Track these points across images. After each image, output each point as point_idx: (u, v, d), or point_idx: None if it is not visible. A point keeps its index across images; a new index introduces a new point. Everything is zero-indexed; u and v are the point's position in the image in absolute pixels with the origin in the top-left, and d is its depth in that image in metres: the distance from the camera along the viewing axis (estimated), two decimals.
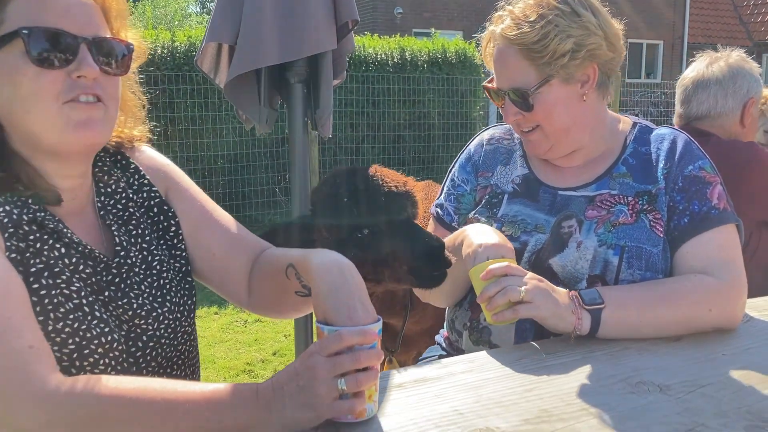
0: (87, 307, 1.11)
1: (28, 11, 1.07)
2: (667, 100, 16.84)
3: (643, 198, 1.57)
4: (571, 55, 1.52)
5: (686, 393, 1.18)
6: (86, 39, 1.10)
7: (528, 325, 1.54)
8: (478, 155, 1.79)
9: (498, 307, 1.35)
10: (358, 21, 2.41)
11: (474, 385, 1.23)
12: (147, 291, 1.24)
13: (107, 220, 1.26)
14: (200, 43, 8.06)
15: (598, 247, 1.53)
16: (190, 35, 7.68)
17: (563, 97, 1.57)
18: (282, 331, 4.76)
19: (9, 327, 0.96)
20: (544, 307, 1.36)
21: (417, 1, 18.29)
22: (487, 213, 1.68)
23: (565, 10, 1.53)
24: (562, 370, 1.28)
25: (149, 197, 1.33)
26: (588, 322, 1.40)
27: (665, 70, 21.45)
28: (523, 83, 1.55)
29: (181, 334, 1.30)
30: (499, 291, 1.34)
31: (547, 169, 1.70)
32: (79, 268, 1.14)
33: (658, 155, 1.61)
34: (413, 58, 9.02)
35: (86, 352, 1.09)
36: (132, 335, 1.19)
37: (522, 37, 1.52)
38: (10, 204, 1.09)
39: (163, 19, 20.56)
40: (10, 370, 0.94)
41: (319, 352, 0.99)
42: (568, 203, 1.62)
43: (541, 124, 1.59)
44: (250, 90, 2.45)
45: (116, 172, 1.31)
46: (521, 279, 1.36)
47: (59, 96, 1.08)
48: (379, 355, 1.03)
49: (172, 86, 7.25)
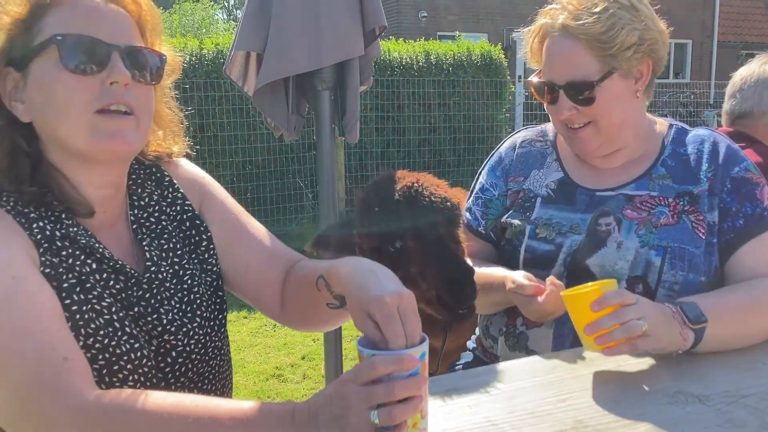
0: (117, 323, 1.12)
1: (62, 20, 1.09)
2: (697, 101, 16.58)
3: (684, 199, 1.55)
4: (635, 49, 1.51)
5: (727, 404, 1.15)
6: (118, 47, 1.11)
7: (566, 331, 1.52)
8: (509, 159, 1.77)
9: (613, 342, 1.23)
10: (385, 27, 2.41)
11: (507, 395, 1.21)
12: (177, 306, 1.24)
13: (139, 234, 1.26)
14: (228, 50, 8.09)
15: (639, 248, 1.51)
16: (217, 42, 7.76)
17: (621, 92, 1.55)
18: (311, 335, 4.77)
19: (44, 339, 0.97)
20: (664, 339, 1.27)
21: (441, 5, 18.27)
22: (520, 216, 1.66)
23: (625, 3, 1.52)
24: (597, 380, 1.26)
25: (182, 210, 1.33)
26: (691, 341, 1.31)
27: (694, 70, 21.12)
28: (584, 75, 1.52)
29: (212, 349, 1.29)
30: (618, 326, 1.22)
31: (583, 170, 1.67)
32: (109, 283, 1.14)
33: (698, 156, 1.59)
34: (438, 62, 8.99)
35: (116, 368, 1.10)
36: (162, 350, 1.19)
37: (588, 28, 1.49)
38: (44, 219, 1.10)
39: (191, 27, 20.81)
40: (44, 382, 0.95)
41: (353, 380, 0.93)
42: (605, 202, 1.59)
43: (596, 119, 1.55)
44: (279, 98, 2.47)
45: (150, 185, 1.32)
46: (638, 308, 1.24)
47: (92, 103, 1.09)
48: (420, 383, 0.94)
49: (201, 93, 7.33)
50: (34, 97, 1.10)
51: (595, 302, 1.23)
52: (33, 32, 1.09)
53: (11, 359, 0.95)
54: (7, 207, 1.07)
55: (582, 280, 1.51)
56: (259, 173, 7.76)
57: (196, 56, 7.48)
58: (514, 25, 17.21)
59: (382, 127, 8.63)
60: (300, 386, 4.01)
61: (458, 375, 1.32)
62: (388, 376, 0.92)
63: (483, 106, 9.36)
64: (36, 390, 0.94)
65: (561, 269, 1.56)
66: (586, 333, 1.25)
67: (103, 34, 1.10)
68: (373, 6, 2.36)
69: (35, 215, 1.09)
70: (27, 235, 1.06)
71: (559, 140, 1.75)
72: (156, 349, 1.18)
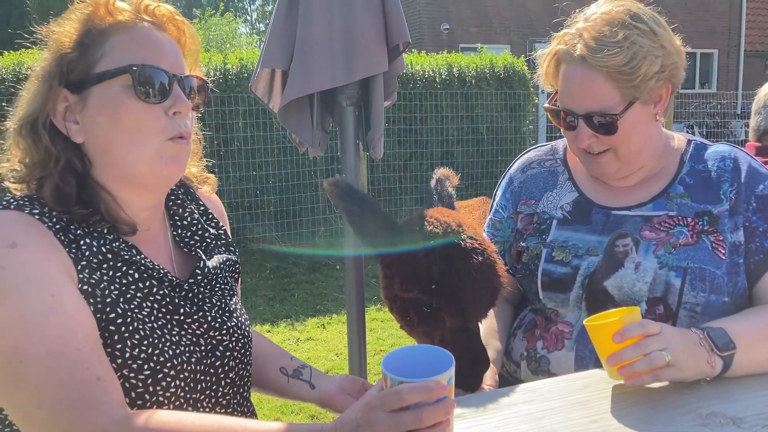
0: (159, 331, 1.14)
1: (126, 48, 1.13)
2: (723, 111, 16.38)
3: (703, 219, 1.51)
4: (657, 77, 1.46)
5: (762, 426, 1.12)
6: (177, 77, 1.16)
7: (588, 353, 1.50)
8: (518, 181, 1.75)
9: (635, 373, 1.22)
10: (409, 43, 2.42)
11: (536, 415, 1.20)
12: (218, 305, 1.28)
13: (182, 244, 1.31)
14: (251, 65, 8.16)
15: (658, 269, 1.48)
16: (241, 57, 7.85)
17: (641, 119, 1.50)
18: (334, 350, 4.77)
19: (78, 358, 0.98)
20: (689, 369, 1.24)
21: (463, 17, 18.29)
22: (537, 240, 1.64)
23: (644, 29, 1.45)
24: (628, 400, 1.24)
25: (217, 236, 1.39)
26: (719, 368, 1.28)
27: (720, 80, 20.85)
28: (605, 107, 1.46)
29: (248, 353, 1.34)
30: (641, 357, 1.21)
31: (598, 189, 1.64)
32: (153, 290, 1.17)
33: (719, 174, 1.55)
34: (461, 74, 9.00)
35: (159, 376, 1.11)
36: (209, 347, 1.23)
37: (609, 60, 1.42)
38: (88, 236, 1.12)
39: (215, 41, 21.09)
40: (77, 401, 0.96)
41: (381, 407, 0.94)
42: (622, 222, 1.56)
43: (616, 146, 1.51)
44: (303, 114, 2.48)
45: (189, 204, 1.36)
46: (661, 339, 1.22)
47: (164, 131, 1.14)
48: (448, 408, 0.95)
49: (225, 108, 7.41)
50: (98, 120, 1.13)
51: (617, 334, 1.22)
52: (94, 57, 1.12)
53: (45, 376, 0.96)
54: (48, 223, 1.09)
55: (601, 303, 1.49)
56: (281, 186, 7.81)
57: (221, 71, 7.57)
58: (536, 36, 17.18)
59: (404, 140, 8.64)
60: None
61: (485, 395, 1.30)
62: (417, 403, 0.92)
63: (506, 118, 9.33)
64: (68, 408, 0.96)
65: (579, 291, 1.54)
66: (608, 364, 1.25)
67: (165, 64, 1.15)
68: (398, 22, 2.37)
69: (81, 232, 1.12)
70: (66, 252, 1.08)
71: (570, 157, 1.72)
72: (204, 347, 1.22)
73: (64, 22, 1.15)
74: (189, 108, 1.17)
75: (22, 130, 1.14)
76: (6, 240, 1.02)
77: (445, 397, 0.94)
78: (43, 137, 1.13)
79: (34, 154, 1.14)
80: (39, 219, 1.08)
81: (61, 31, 1.14)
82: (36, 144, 1.13)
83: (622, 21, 1.45)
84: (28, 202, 1.10)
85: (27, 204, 1.09)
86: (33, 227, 1.06)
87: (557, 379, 1.39)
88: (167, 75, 1.14)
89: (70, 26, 1.14)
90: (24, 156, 1.15)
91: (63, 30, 1.14)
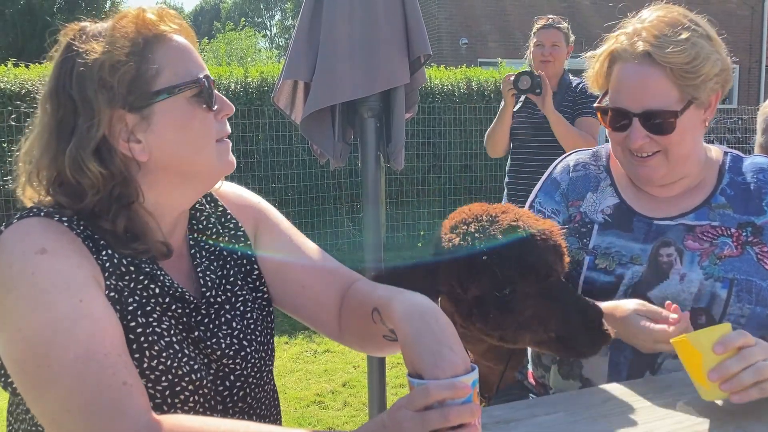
0: (177, 345, 1.14)
1: (180, 60, 1.15)
2: (745, 126, 16.21)
3: (747, 229, 1.50)
4: (716, 80, 1.46)
5: None
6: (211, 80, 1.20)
7: (623, 359, 1.49)
8: (565, 183, 1.70)
9: (742, 386, 1.16)
10: (430, 55, 2.44)
11: (559, 428, 1.19)
12: (236, 330, 1.26)
13: (196, 259, 1.29)
14: (272, 78, 8.18)
15: (704, 280, 1.47)
16: (262, 71, 7.93)
17: (694, 122, 1.49)
18: (351, 362, 4.76)
19: (105, 364, 0.99)
20: None
21: (482, 31, 18.34)
22: (578, 244, 1.60)
23: (702, 32, 1.46)
24: (653, 414, 1.23)
25: (235, 237, 1.35)
26: None
27: (741, 95, 20.66)
28: (664, 104, 1.45)
29: (266, 373, 1.31)
30: (746, 368, 1.15)
31: (640, 198, 1.62)
32: (171, 307, 1.16)
33: (759, 186, 1.54)
34: (480, 88, 9.02)
35: (178, 389, 1.12)
36: (220, 374, 1.21)
37: (674, 57, 1.42)
38: (110, 247, 1.12)
39: (236, 55, 21.33)
40: (104, 406, 0.97)
41: (407, 406, 0.94)
42: (664, 231, 1.55)
43: (668, 148, 1.49)
44: (325, 125, 2.50)
45: (207, 208, 1.35)
46: (763, 349, 1.18)
47: (215, 134, 1.19)
48: (474, 411, 0.95)
49: (245, 120, 7.48)
50: (166, 136, 1.13)
51: (719, 344, 1.17)
52: (150, 73, 1.11)
53: (73, 381, 0.97)
54: (77, 230, 1.10)
55: None
56: (301, 199, 7.85)
57: (241, 84, 7.65)
58: None
59: (422, 153, 8.66)
60: (340, 413, 3.99)
61: (509, 407, 1.29)
62: (442, 403, 0.93)
63: None
64: (95, 412, 0.96)
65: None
66: (710, 378, 1.17)
67: (203, 70, 1.18)
68: (419, 34, 2.39)
69: (104, 242, 1.12)
70: (94, 259, 1.09)
71: (613, 164, 1.69)
72: (215, 373, 1.20)
73: (109, 39, 1.10)
74: (232, 110, 1.22)
75: (83, 154, 1.09)
76: (36, 246, 1.03)
77: (470, 399, 0.95)
78: (115, 160, 1.11)
79: (104, 179, 1.10)
80: (68, 226, 1.09)
81: (106, 49, 1.09)
82: (108, 168, 1.10)
83: (681, 23, 1.46)
84: (57, 210, 1.11)
85: (56, 212, 1.10)
86: (63, 234, 1.07)
87: (579, 392, 1.38)
88: (211, 80, 1.18)
89: (118, 43, 1.10)
90: (88, 181, 1.10)
91: (110, 48, 1.09)
